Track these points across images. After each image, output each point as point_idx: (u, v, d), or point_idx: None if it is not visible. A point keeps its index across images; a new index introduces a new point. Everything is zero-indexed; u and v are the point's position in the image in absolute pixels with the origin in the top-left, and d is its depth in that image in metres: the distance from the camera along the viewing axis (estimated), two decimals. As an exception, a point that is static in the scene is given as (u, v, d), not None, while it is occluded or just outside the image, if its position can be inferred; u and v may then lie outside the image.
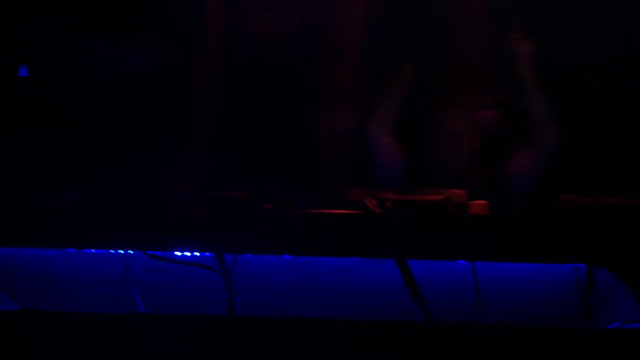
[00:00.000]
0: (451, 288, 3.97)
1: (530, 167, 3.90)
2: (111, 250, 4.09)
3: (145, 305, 4.07)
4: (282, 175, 4.00)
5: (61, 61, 4.03)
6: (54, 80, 4.04)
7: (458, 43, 3.92)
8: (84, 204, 3.99)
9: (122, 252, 4.06)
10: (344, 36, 3.95)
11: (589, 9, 3.99)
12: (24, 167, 4.04)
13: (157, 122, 4.02)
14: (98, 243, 4.03)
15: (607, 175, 3.95)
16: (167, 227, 3.96)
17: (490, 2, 3.93)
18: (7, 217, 3.87)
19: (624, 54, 3.96)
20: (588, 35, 4.01)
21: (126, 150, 4.00)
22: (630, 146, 3.96)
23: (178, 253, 4.05)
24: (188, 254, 4.07)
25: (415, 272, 3.92)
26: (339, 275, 4.07)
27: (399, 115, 3.96)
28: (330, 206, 3.94)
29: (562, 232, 3.81)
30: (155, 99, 4.04)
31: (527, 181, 3.85)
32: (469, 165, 3.85)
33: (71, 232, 4.01)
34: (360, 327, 3.89)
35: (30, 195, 3.94)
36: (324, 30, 3.99)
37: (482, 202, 3.94)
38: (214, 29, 3.97)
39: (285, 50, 4.03)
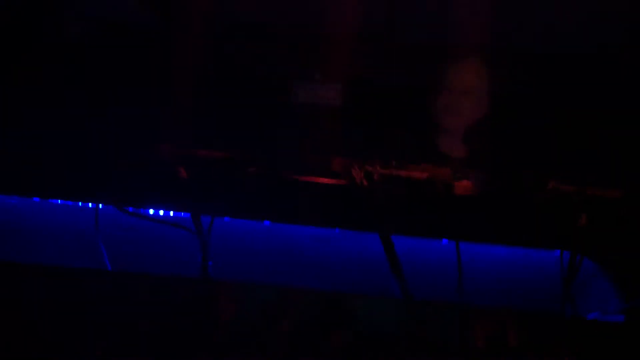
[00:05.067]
0: (434, 267, 3.91)
1: None
2: (80, 203, 3.89)
3: (113, 263, 3.88)
4: (266, 138, 3.85)
5: (40, 11, 3.80)
6: (31, 32, 3.81)
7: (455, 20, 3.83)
8: (55, 150, 3.77)
9: (91, 205, 3.87)
10: (334, 5, 3.82)
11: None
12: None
13: (140, 77, 3.82)
14: (68, 193, 3.83)
15: (595, 163, 3.93)
16: (144, 182, 3.78)
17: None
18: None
19: (615, 46, 3.94)
20: (580, 27, 3.96)
21: (108, 103, 3.79)
22: (621, 136, 3.95)
23: (152, 211, 3.89)
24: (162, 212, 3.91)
25: (398, 248, 3.84)
26: (318, 246, 3.96)
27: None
28: (313, 174, 3.81)
29: (546, 219, 3.78)
30: (138, 53, 3.84)
31: None
32: (461, 144, 3.78)
33: (38, 180, 3.80)
34: (335, 299, 3.80)
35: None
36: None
37: (467, 182, 3.87)
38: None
39: (275, 14, 3.87)
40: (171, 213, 3.88)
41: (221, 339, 3.73)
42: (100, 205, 3.86)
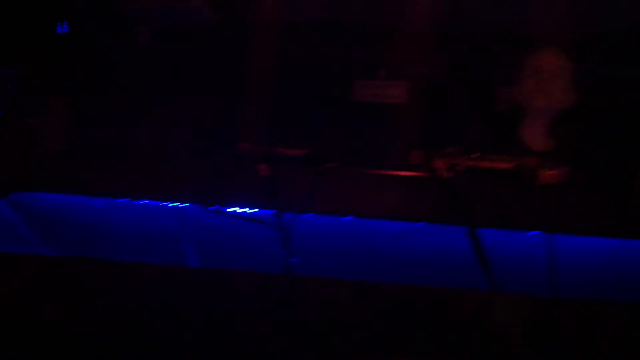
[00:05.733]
0: (522, 260, 3.79)
1: None
2: (166, 203, 3.94)
3: (198, 261, 3.92)
4: (342, 135, 3.82)
5: (105, 17, 3.87)
6: (98, 37, 3.88)
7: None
8: (140, 154, 3.84)
9: (176, 205, 3.91)
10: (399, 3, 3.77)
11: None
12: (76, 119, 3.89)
13: (217, 78, 3.85)
14: (154, 194, 3.88)
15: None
16: (227, 182, 3.80)
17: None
18: (60, 165, 3.73)
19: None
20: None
21: (188, 105, 3.84)
22: None
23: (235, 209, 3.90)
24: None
25: (484, 240, 3.74)
26: (399, 241, 3.90)
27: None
28: (393, 167, 3.75)
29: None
30: (215, 56, 3.87)
31: None
32: (547, 133, 3.66)
33: (124, 182, 3.87)
34: (419, 293, 3.73)
35: (84, 143, 3.79)
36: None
37: (554, 171, 3.74)
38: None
39: (343, 11, 3.84)
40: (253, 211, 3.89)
41: (304, 333, 3.72)
42: (184, 205, 3.90)
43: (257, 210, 3.85)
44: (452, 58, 3.81)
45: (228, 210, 3.87)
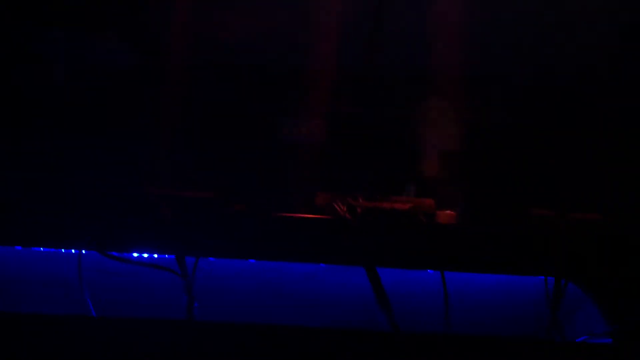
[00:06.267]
0: (420, 297, 3.92)
1: None
2: (63, 250, 3.85)
3: (99, 309, 3.84)
4: (248, 177, 3.86)
5: (18, 54, 3.81)
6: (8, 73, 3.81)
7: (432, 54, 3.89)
8: (36, 197, 3.74)
9: (74, 251, 3.83)
10: (314, 43, 3.88)
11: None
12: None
13: (123, 118, 3.83)
14: (49, 241, 3.79)
15: (576, 189, 3.98)
16: (126, 225, 3.75)
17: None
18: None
19: (593, 69, 4.01)
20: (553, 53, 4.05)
21: (89, 145, 3.78)
22: (599, 162, 4.02)
23: (136, 254, 3.86)
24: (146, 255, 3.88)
25: (383, 280, 3.85)
26: (304, 283, 3.96)
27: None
28: (298, 210, 3.82)
29: (531, 245, 3.81)
30: (121, 95, 3.85)
31: None
32: (442, 174, 3.82)
33: (20, 228, 3.76)
34: (325, 335, 3.79)
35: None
36: (292, 35, 3.90)
37: (450, 212, 3.90)
38: (183, 28, 3.82)
39: (256, 53, 3.92)
40: (155, 255, 3.86)
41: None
42: (84, 251, 3.82)
43: (159, 255, 3.82)
44: (359, 101, 3.93)
45: (129, 255, 3.82)
